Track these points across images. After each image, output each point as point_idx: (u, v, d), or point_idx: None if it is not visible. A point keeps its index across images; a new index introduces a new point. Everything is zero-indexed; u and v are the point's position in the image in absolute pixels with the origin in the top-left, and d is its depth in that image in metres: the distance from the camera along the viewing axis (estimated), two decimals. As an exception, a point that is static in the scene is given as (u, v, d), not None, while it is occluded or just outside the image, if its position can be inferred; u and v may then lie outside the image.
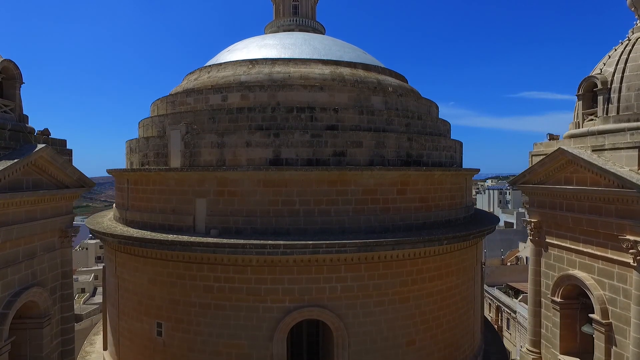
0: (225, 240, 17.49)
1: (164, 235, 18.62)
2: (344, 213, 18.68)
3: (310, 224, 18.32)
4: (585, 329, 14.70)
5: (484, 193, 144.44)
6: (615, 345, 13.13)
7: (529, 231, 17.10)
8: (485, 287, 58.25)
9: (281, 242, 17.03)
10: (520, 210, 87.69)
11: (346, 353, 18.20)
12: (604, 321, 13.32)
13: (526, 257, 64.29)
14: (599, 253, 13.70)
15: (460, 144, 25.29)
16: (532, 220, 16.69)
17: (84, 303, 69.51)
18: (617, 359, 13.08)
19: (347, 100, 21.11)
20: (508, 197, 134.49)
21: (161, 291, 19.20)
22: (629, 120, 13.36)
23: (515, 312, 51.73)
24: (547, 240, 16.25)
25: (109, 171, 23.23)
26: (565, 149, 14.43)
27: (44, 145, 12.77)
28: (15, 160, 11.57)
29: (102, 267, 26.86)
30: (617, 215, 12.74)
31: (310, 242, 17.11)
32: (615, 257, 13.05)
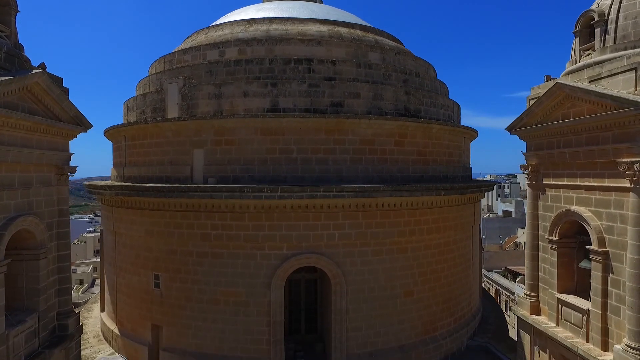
0: (222, 185, 17.46)
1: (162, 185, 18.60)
2: (342, 162, 18.66)
3: (307, 172, 18.29)
4: (583, 264, 14.68)
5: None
6: (612, 273, 13.11)
7: (526, 176, 17.08)
8: (484, 271, 58.27)
9: (278, 186, 17.00)
10: (519, 199, 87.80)
11: (344, 301, 18.16)
12: (600, 250, 13.31)
13: (524, 243, 64.40)
14: (596, 184, 13.68)
15: (458, 106, 25.31)
16: (530, 163, 16.67)
17: (82, 293, 69.65)
18: (614, 286, 13.07)
19: (345, 56, 21.09)
20: (507, 190, 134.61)
21: (158, 242, 19.16)
22: (625, 49, 13.36)
23: (514, 293, 51.75)
24: (544, 182, 16.22)
25: (106, 131, 23.16)
26: (562, 82, 14.42)
27: (40, 70, 12.73)
28: (11, 77, 11.52)
29: (99, 256, 26.74)
30: (614, 140, 12.74)
31: (308, 186, 17.08)
32: (612, 185, 13.04)
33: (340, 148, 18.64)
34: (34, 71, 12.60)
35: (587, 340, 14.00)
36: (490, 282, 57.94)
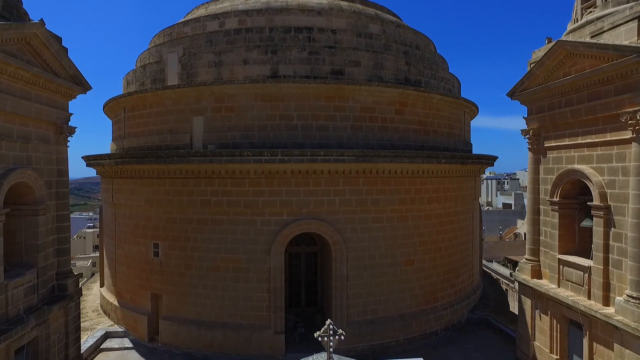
0: (222, 149, 17.39)
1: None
2: (342, 129, 18.59)
3: (308, 139, 18.23)
4: (585, 223, 14.60)
5: (482, 183, 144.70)
6: (614, 227, 13.04)
7: (527, 140, 16.99)
8: (484, 261, 58.20)
9: (279, 150, 16.93)
10: (518, 192, 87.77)
11: (344, 267, 18.11)
12: (602, 204, 13.24)
13: (524, 234, 64.36)
14: (597, 140, 13.61)
15: (459, 81, 25.26)
16: (531, 127, 16.59)
17: (81, 286, 69.52)
18: (615, 240, 12.99)
19: (345, 26, 21.02)
20: (506, 186, 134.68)
21: (158, 211, 19.09)
22: (628, 1, 13.29)
23: (513, 282, 51.68)
24: (545, 145, 16.14)
25: (106, 104, 23.08)
26: (564, 39, 14.35)
27: (39, 21, 12.63)
28: (10, 23, 11.43)
29: (98, 252, 26.58)
30: (616, 93, 12.66)
31: (308, 150, 17.02)
32: (614, 139, 12.97)
33: (340, 115, 18.58)
34: (33, 22, 12.51)
35: (589, 298, 13.92)
36: (490, 271, 57.82)
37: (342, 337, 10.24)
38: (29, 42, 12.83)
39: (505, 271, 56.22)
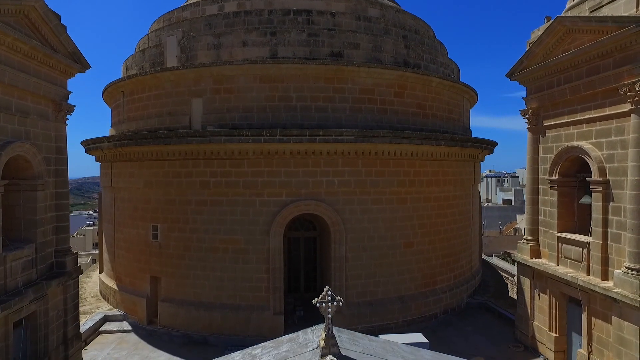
0: (221, 129, 17.39)
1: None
2: (341, 111, 18.59)
3: (307, 120, 18.22)
4: (584, 200, 14.58)
5: (482, 181, 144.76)
6: (613, 201, 13.02)
7: (526, 121, 16.99)
8: (484, 255, 58.21)
9: (277, 129, 16.92)
10: (517, 188, 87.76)
11: (343, 248, 18.10)
12: (601, 179, 13.23)
13: (524, 229, 64.40)
14: (596, 115, 13.61)
15: (458, 68, 25.25)
16: (530, 107, 16.58)
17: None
18: (614, 214, 12.98)
19: (345, 9, 21.00)
20: (506, 184, 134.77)
21: (157, 193, 19.08)
22: (626, -25, 13.32)
23: (513, 275, 51.67)
24: (544, 124, 16.14)
25: (105, 90, 23.08)
26: (563, 15, 14.36)
27: (37, -5, 12.63)
28: (8, -7, 11.44)
29: (97, 249, 26.34)
30: (615, 66, 12.66)
31: (307, 129, 17.01)
32: (612, 112, 12.96)
33: (339, 97, 18.57)
34: (32, -5, 12.50)
35: (588, 273, 13.91)
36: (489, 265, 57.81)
37: (341, 303, 10.21)
38: (27, 16, 12.82)
39: (505, 265, 56.29)
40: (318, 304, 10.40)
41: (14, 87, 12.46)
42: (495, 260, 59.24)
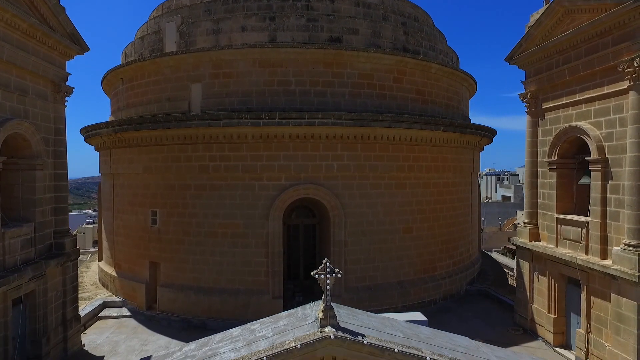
0: (220, 112, 17.39)
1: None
2: (340, 95, 18.59)
3: (306, 104, 18.22)
4: (583, 180, 14.59)
5: (482, 179, 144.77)
6: (612, 179, 13.02)
7: (525, 104, 16.99)
8: (483, 250, 58.26)
9: (277, 112, 16.92)
10: (517, 184, 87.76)
11: (342, 233, 18.10)
12: (600, 157, 13.24)
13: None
14: (595, 94, 13.61)
15: (457, 56, 25.26)
16: (529, 90, 16.59)
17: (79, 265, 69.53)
18: (613, 192, 12.98)
19: (343, -4, 20.98)
20: (505, 182, 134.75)
21: (156, 178, 19.08)
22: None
23: (513, 270, 51.66)
24: (543, 107, 16.15)
25: (104, 78, 23.07)
26: (562, -4, 14.40)
27: (35, -28, 12.65)
28: (6, -33, 11.45)
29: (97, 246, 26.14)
30: (614, 43, 12.67)
31: (306, 112, 17.01)
32: (611, 91, 12.97)
33: (338, 81, 18.57)
34: (30, -28, 12.51)
35: (587, 253, 13.91)
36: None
37: (339, 274, 10.22)
38: (26, -7, 12.83)
39: (505, 260, 56.30)
40: (317, 276, 10.41)
41: (13, 64, 12.48)
42: (495, 255, 59.28)
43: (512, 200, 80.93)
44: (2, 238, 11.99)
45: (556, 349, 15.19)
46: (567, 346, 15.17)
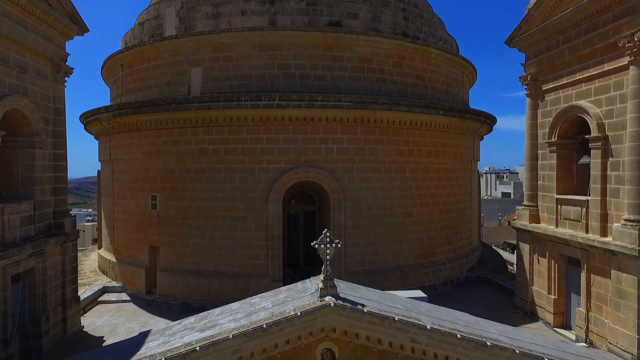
0: (220, 94, 17.36)
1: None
2: (340, 79, 18.57)
3: (305, 88, 18.20)
4: (583, 160, 14.59)
5: (482, 177, 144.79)
6: (612, 156, 13.02)
7: (525, 87, 16.99)
8: (484, 242, 58.36)
9: (276, 94, 16.91)
10: (517, 181, 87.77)
11: (342, 216, 18.09)
12: (600, 134, 13.23)
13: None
14: (595, 72, 13.63)
15: (457, 44, 25.24)
16: (529, 72, 16.59)
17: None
18: (613, 169, 12.97)
19: (343, -18, 20.95)
20: (505, 179, 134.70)
21: (155, 162, 19.06)
22: None
23: (512, 264, 51.66)
24: (543, 89, 16.16)
25: (104, 65, 23.05)
26: (562, -26, 14.41)
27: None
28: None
29: (97, 244, 26.00)
30: (614, 19, 12.67)
31: (306, 94, 17.00)
32: (611, 68, 12.97)
33: (338, 65, 18.56)
34: (29, -53, 12.49)
35: (587, 231, 13.89)
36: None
37: (339, 245, 10.22)
38: (25, -30, 12.80)
39: (505, 254, 56.32)
40: (317, 246, 10.41)
41: (12, 40, 12.46)
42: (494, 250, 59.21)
43: (512, 196, 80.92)
44: (2, 213, 11.96)
45: (556, 329, 15.19)
46: (567, 326, 15.16)
